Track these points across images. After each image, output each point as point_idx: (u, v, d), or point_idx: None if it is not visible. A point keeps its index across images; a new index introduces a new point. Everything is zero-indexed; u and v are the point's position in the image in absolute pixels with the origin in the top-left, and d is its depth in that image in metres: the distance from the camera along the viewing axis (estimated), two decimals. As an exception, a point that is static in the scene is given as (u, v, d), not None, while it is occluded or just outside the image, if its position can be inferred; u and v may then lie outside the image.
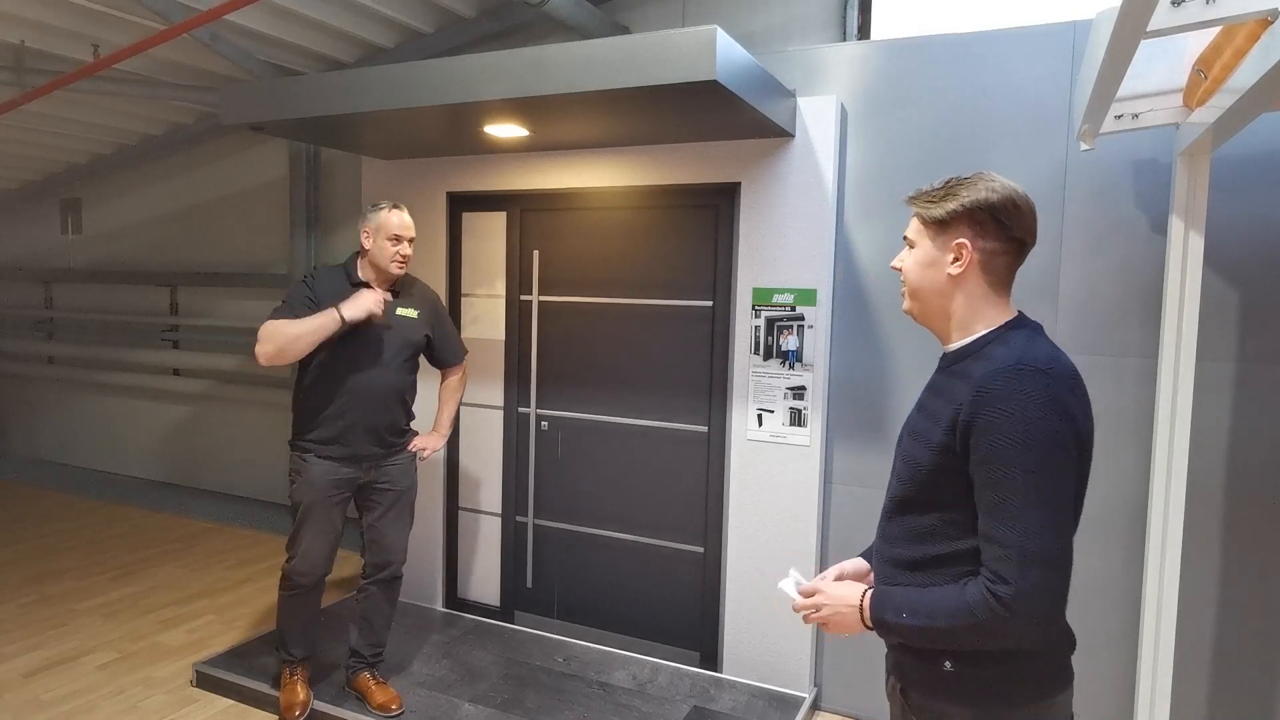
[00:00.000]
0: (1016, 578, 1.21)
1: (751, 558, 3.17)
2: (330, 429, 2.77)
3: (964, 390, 1.30)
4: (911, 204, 1.43)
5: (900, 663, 1.45)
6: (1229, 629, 2.67)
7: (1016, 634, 1.25)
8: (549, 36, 4.30)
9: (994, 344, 1.35)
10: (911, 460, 1.40)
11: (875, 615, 1.38)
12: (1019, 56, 2.81)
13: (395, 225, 2.75)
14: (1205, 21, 1.40)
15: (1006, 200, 1.34)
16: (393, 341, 2.84)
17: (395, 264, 2.77)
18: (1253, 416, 2.60)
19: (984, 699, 1.34)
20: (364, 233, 2.78)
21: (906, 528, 1.41)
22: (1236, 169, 2.55)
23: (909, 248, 1.44)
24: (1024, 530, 1.22)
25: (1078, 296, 2.78)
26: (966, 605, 1.26)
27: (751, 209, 3.08)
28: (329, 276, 2.82)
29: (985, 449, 1.25)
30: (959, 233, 1.36)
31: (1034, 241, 1.39)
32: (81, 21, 4.02)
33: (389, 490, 2.91)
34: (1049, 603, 1.23)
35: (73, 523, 5.31)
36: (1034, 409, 1.22)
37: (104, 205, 6.51)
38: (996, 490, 1.24)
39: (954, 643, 1.32)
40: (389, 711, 2.89)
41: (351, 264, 2.84)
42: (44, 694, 3.13)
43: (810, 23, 3.92)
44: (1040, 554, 1.21)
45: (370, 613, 2.98)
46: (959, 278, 1.37)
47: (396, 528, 2.97)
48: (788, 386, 3.06)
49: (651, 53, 2.32)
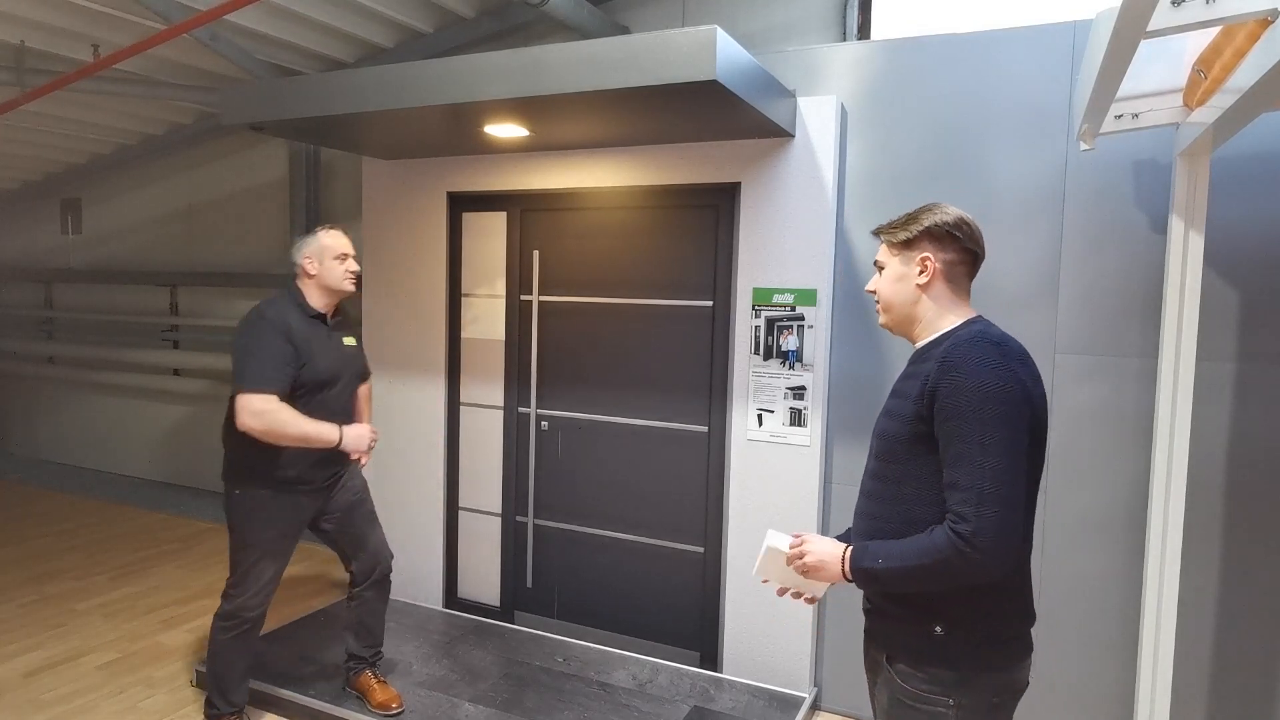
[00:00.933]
0: (974, 515, 1.39)
1: (751, 558, 3.17)
2: (297, 467, 2.65)
3: (931, 366, 1.51)
4: (879, 234, 1.68)
5: (888, 632, 1.60)
6: (1229, 629, 2.67)
7: (979, 566, 1.40)
8: (549, 36, 4.30)
9: (957, 331, 1.57)
10: (887, 435, 1.59)
11: (854, 565, 1.55)
12: (1019, 56, 2.81)
13: (340, 245, 2.70)
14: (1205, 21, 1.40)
15: (959, 220, 1.60)
16: (351, 375, 2.82)
17: (347, 281, 2.70)
18: (1253, 416, 2.60)
19: (966, 662, 1.50)
20: (306, 259, 2.67)
21: (884, 499, 1.59)
22: (1236, 169, 2.55)
23: (879, 271, 1.68)
24: (980, 474, 1.40)
25: (1078, 296, 2.78)
26: (934, 544, 1.44)
27: (751, 209, 3.08)
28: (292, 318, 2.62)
29: (949, 409, 1.45)
30: (922, 249, 1.61)
31: (984, 255, 1.64)
32: (81, 21, 4.02)
33: (346, 496, 2.85)
34: (1005, 535, 1.40)
35: (73, 523, 5.31)
36: (988, 373, 1.43)
37: (104, 205, 6.51)
38: (959, 443, 1.43)
39: (925, 582, 1.47)
40: (389, 710, 2.88)
41: (297, 295, 2.70)
42: (44, 694, 3.13)
43: (810, 23, 3.92)
44: (995, 495, 1.39)
45: (367, 617, 2.96)
46: (925, 286, 1.61)
47: (371, 527, 2.93)
48: (788, 386, 3.06)
49: (651, 53, 2.32)
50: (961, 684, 1.50)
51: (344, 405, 2.78)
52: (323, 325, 2.72)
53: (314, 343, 2.64)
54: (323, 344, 2.68)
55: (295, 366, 2.57)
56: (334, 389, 2.71)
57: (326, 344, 2.70)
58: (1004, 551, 1.40)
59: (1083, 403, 2.79)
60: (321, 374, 2.65)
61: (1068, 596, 2.84)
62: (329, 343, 2.72)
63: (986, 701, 1.51)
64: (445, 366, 3.76)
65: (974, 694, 1.50)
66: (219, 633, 2.72)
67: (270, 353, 2.53)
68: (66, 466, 6.84)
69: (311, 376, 2.62)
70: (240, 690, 2.78)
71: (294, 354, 2.57)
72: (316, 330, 2.68)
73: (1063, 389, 2.81)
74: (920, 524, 1.50)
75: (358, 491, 2.91)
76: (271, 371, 2.52)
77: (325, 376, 2.66)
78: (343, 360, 2.77)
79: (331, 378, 2.69)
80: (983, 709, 1.51)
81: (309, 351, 2.61)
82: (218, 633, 2.72)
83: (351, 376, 2.82)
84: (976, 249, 1.61)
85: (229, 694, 2.76)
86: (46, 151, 6.08)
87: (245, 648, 2.75)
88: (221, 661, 2.74)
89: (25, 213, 6.98)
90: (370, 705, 2.91)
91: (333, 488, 2.81)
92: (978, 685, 1.50)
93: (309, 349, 2.62)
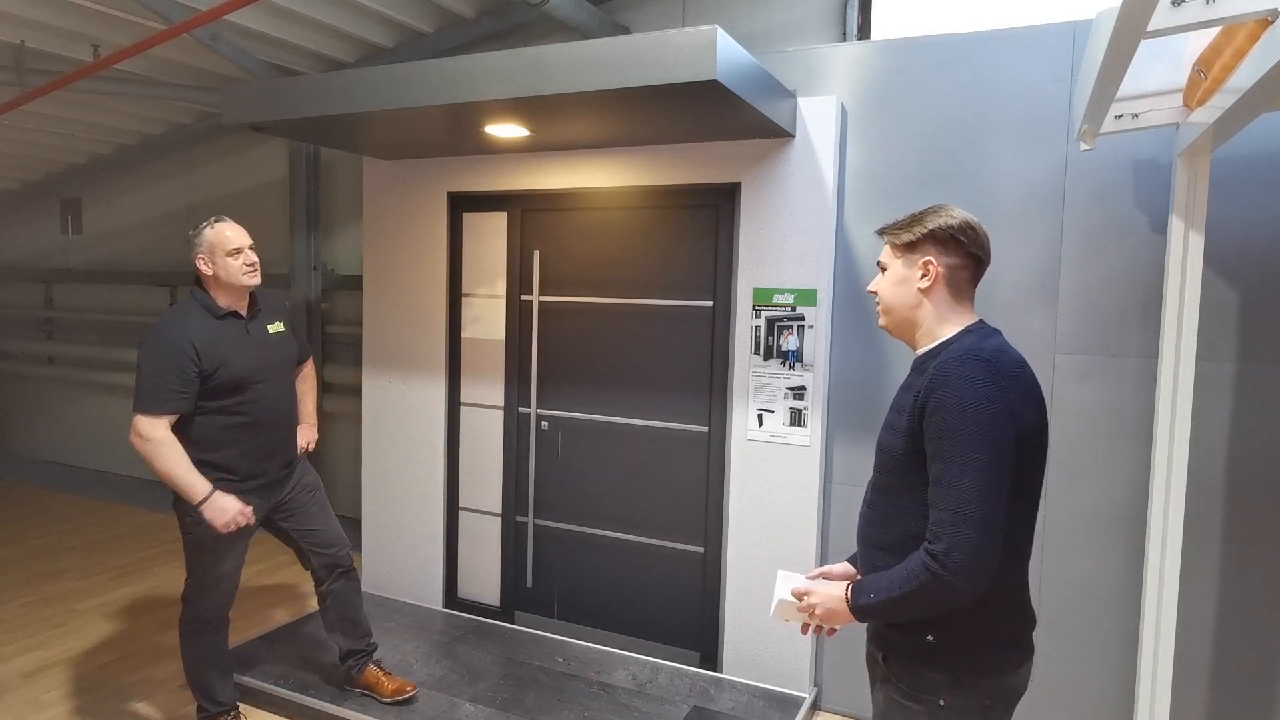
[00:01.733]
0: (949, 535, 1.39)
1: (751, 558, 3.17)
2: (245, 466, 2.60)
3: (924, 380, 1.49)
4: (883, 234, 1.65)
5: (884, 635, 1.61)
6: (1229, 629, 2.67)
7: (951, 588, 1.39)
8: (549, 36, 4.30)
9: (954, 342, 1.55)
10: (885, 449, 1.59)
11: (853, 603, 1.55)
12: (1019, 56, 2.81)
13: (231, 239, 2.55)
14: (1205, 21, 1.40)
15: (964, 224, 1.57)
16: (282, 364, 2.74)
17: (247, 275, 2.57)
18: (1253, 416, 2.60)
19: (959, 667, 1.50)
20: (200, 260, 2.55)
21: (882, 511, 1.60)
22: (1236, 169, 2.55)
23: (881, 272, 1.66)
24: (958, 495, 1.39)
25: (1078, 296, 2.78)
26: (911, 570, 1.44)
27: (752, 209, 3.08)
28: (195, 325, 2.51)
29: (935, 426, 1.44)
30: (925, 252, 1.58)
31: (989, 260, 1.61)
32: (81, 21, 4.02)
33: (297, 490, 2.81)
34: (977, 556, 1.38)
35: (73, 523, 5.31)
36: (970, 392, 1.41)
37: (104, 205, 6.51)
38: (940, 462, 1.43)
39: (913, 610, 1.47)
40: (405, 695, 2.91)
41: (203, 296, 2.58)
42: (44, 694, 3.13)
43: (810, 23, 3.92)
44: (970, 516, 1.38)
45: (345, 609, 2.93)
46: (927, 290, 1.58)
47: (325, 519, 2.87)
48: (788, 386, 3.06)
49: (652, 53, 2.32)
50: (953, 686, 1.50)
51: (279, 397, 2.70)
52: (237, 321, 2.62)
53: (225, 344, 2.54)
54: (238, 342, 2.58)
55: (198, 380, 2.47)
56: (261, 385, 2.61)
57: (244, 341, 2.60)
58: (976, 572, 1.39)
59: (1083, 403, 2.79)
60: (240, 373, 2.55)
61: (1068, 596, 2.84)
62: (247, 339, 2.62)
63: (979, 704, 1.51)
64: (445, 366, 3.76)
65: (966, 696, 1.51)
66: (184, 637, 2.71)
67: (160, 374, 2.43)
68: (66, 466, 6.84)
69: (229, 378, 2.53)
70: (223, 689, 2.77)
71: (194, 369, 2.46)
72: (229, 329, 2.58)
73: (1063, 389, 2.81)
74: (917, 539, 1.49)
75: (310, 486, 2.86)
76: (161, 394, 2.43)
77: (245, 374, 2.56)
78: (266, 352, 2.67)
79: (253, 374, 2.59)
80: (975, 711, 1.51)
81: (220, 355, 2.51)
82: (183, 637, 2.71)
83: (281, 365, 2.74)
84: (981, 254, 1.59)
85: (212, 694, 2.76)
86: (46, 151, 6.09)
87: (213, 648, 2.74)
88: (193, 664, 2.73)
89: (25, 213, 6.98)
90: (383, 697, 2.91)
91: (286, 480, 2.77)
92: (970, 689, 1.51)
93: (219, 352, 2.51)
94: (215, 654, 2.75)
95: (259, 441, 2.63)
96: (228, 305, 2.60)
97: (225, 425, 2.56)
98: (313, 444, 2.98)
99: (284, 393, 2.75)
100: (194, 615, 2.68)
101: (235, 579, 2.71)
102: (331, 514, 2.92)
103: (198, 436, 2.54)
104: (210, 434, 2.55)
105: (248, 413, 2.58)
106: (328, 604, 2.92)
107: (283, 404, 2.73)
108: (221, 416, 2.56)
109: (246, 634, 3.59)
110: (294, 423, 2.82)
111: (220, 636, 2.75)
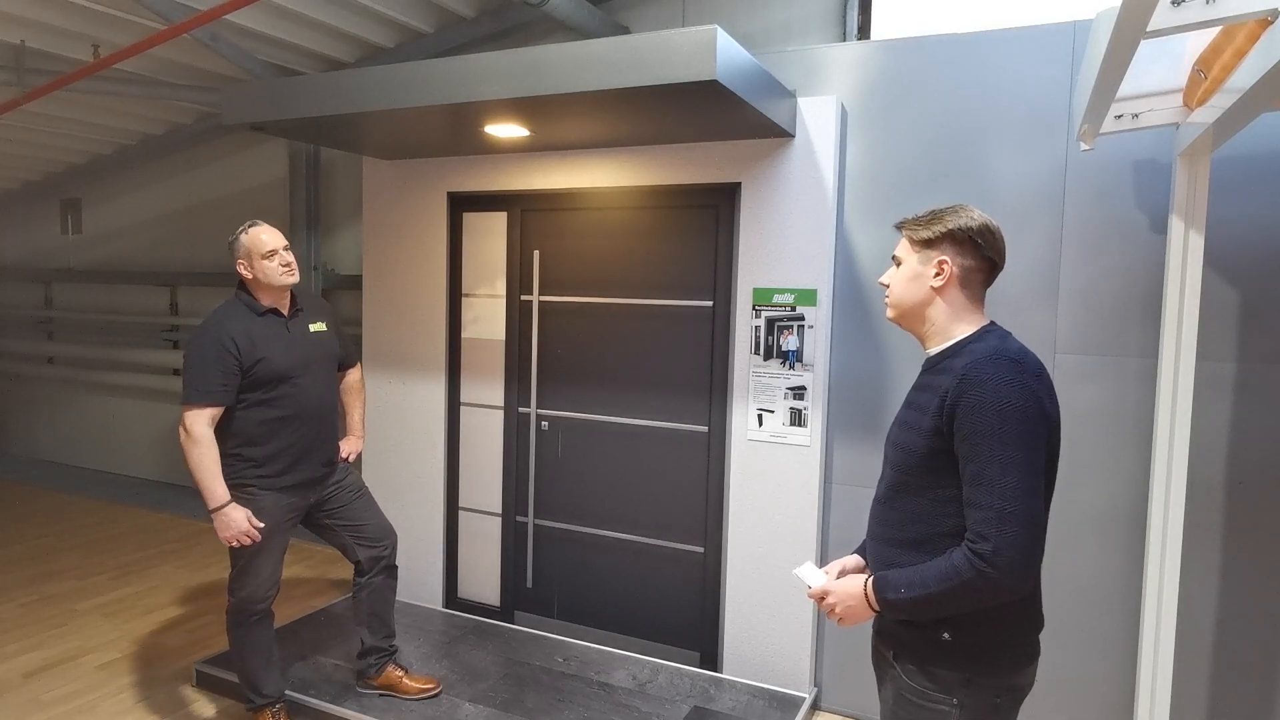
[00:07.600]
0: (995, 535, 1.40)
1: (751, 558, 3.17)
2: (283, 460, 2.67)
3: (949, 380, 1.49)
4: (901, 228, 1.65)
5: (896, 632, 1.60)
6: (1229, 629, 2.67)
7: (998, 585, 1.41)
8: (549, 36, 4.30)
9: (973, 343, 1.55)
10: (905, 447, 1.58)
11: (879, 597, 1.55)
12: (1019, 57, 2.81)
13: (266, 241, 2.65)
14: (1205, 21, 1.40)
15: (983, 227, 1.58)
16: (323, 362, 2.81)
17: (284, 274, 2.67)
18: (1253, 416, 2.60)
19: (972, 665, 1.52)
20: (240, 265, 2.67)
21: (902, 511, 1.59)
22: (1236, 169, 2.55)
23: (895, 265, 1.66)
24: (1001, 494, 1.40)
25: (1078, 296, 2.78)
26: (954, 567, 1.44)
27: (751, 209, 3.08)
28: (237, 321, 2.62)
29: (968, 426, 1.44)
30: (942, 251, 1.58)
31: (1003, 264, 1.63)
32: (81, 21, 4.02)
33: (341, 490, 2.87)
34: (1025, 555, 1.41)
35: (73, 523, 5.31)
36: (1008, 391, 1.42)
37: (104, 205, 6.51)
38: (977, 462, 1.43)
39: (949, 606, 1.47)
40: (429, 692, 2.95)
41: (246, 296, 2.70)
42: (44, 694, 3.13)
43: (810, 23, 3.92)
44: (1016, 513, 1.39)
45: (378, 605, 2.97)
46: (939, 289, 1.59)
47: (371, 513, 2.94)
48: (788, 386, 3.06)
49: (651, 53, 2.32)
50: (965, 685, 1.51)
51: (318, 393, 2.76)
52: (277, 318, 2.71)
53: (265, 339, 2.64)
54: (278, 338, 2.67)
55: (239, 374, 2.57)
56: (300, 379, 2.69)
57: (283, 337, 2.69)
58: (1024, 570, 1.41)
59: (1083, 403, 2.79)
60: (279, 367, 2.64)
61: (1068, 596, 2.84)
62: (289, 335, 2.71)
63: (990, 702, 1.53)
64: (445, 366, 3.76)
65: (977, 695, 1.52)
66: (231, 627, 2.77)
67: (203, 368, 2.55)
68: (66, 466, 6.84)
69: (269, 371, 2.62)
70: (269, 681, 2.82)
71: (235, 362, 2.56)
72: (269, 326, 2.68)
73: (1063, 389, 2.81)
74: (937, 538, 1.51)
75: (354, 486, 2.93)
76: (204, 386, 2.54)
77: (284, 368, 2.65)
78: (306, 348, 2.75)
79: (292, 368, 2.67)
80: (985, 709, 1.53)
81: (259, 350, 2.61)
82: (230, 627, 2.77)
83: (321, 362, 2.81)
84: (996, 258, 1.60)
85: (258, 686, 2.81)
86: (46, 151, 6.09)
87: (259, 639, 2.79)
88: (240, 654, 2.79)
89: (25, 213, 6.98)
90: (407, 696, 2.96)
91: (326, 479, 2.83)
92: (982, 687, 1.52)
93: (259, 347, 2.61)
94: (260, 645, 2.79)
95: (298, 435, 2.69)
96: (269, 304, 2.71)
97: (265, 419, 2.64)
98: (353, 455, 2.99)
99: (324, 389, 2.81)
100: (237, 604, 2.73)
101: (276, 572, 2.76)
102: (379, 510, 2.99)
103: (239, 429, 2.63)
104: (250, 427, 2.63)
105: (286, 406, 2.66)
106: (363, 596, 2.95)
107: (323, 400, 2.79)
108: (261, 409, 2.63)
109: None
110: (334, 419, 2.86)
111: (265, 628, 2.79)
